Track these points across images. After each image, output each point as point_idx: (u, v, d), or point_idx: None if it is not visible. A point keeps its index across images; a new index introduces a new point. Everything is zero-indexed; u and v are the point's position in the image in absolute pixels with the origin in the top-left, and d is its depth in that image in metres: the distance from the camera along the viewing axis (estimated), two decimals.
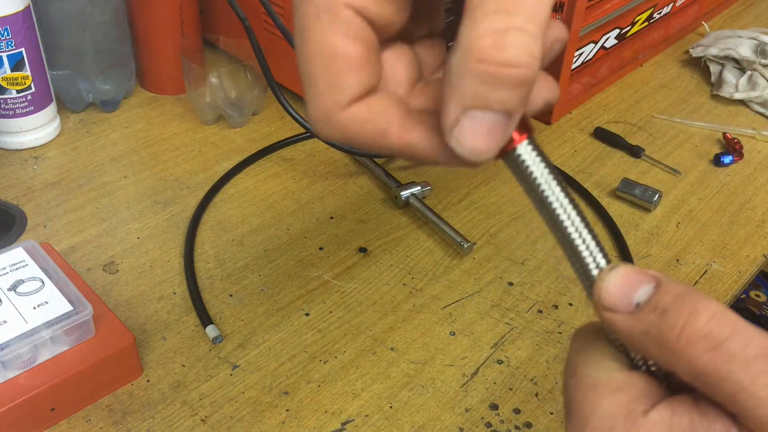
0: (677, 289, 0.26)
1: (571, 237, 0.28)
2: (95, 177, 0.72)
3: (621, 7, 0.85)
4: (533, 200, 0.29)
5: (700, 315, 0.25)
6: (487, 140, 0.26)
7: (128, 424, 0.51)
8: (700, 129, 0.85)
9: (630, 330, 0.26)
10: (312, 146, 0.78)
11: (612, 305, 0.27)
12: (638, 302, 0.26)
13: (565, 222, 0.28)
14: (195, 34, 0.82)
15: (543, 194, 0.28)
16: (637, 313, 0.26)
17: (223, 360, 0.56)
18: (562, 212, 0.28)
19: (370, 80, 0.27)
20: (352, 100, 0.27)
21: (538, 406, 0.54)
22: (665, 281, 0.26)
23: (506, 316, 0.61)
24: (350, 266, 0.64)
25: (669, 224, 0.71)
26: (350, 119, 0.27)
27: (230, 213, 0.69)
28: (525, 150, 0.28)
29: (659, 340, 0.25)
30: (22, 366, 0.49)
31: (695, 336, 0.25)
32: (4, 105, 0.71)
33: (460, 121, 0.26)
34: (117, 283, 0.61)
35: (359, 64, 0.27)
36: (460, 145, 0.26)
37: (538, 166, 0.28)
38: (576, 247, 0.28)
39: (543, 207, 0.28)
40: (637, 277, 0.27)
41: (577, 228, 0.28)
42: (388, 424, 0.52)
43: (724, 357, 0.24)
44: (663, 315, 0.25)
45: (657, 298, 0.26)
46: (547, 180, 0.28)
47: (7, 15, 0.67)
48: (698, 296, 0.25)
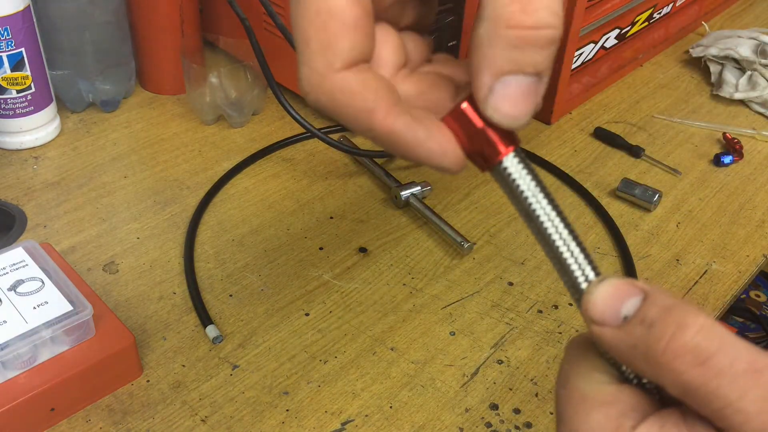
0: (665, 302, 0.25)
1: (559, 250, 0.28)
2: (95, 177, 0.72)
3: (621, 7, 0.85)
4: (520, 213, 0.29)
5: (688, 328, 0.24)
6: (524, 104, 0.27)
7: (128, 424, 0.51)
8: (700, 129, 0.85)
9: (617, 343, 0.26)
10: (312, 146, 0.78)
11: (599, 318, 0.27)
12: (626, 315, 0.26)
13: (552, 235, 0.28)
14: (195, 34, 0.82)
15: (530, 207, 0.28)
16: (624, 326, 0.26)
17: (223, 360, 0.56)
18: (549, 225, 0.28)
19: (363, 47, 0.27)
20: (344, 65, 0.26)
21: (538, 406, 0.54)
22: (653, 293, 0.26)
23: (506, 316, 0.61)
24: (350, 266, 0.64)
25: (669, 224, 0.71)
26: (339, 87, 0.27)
27: (230, 213, 0.69)
28: (511, 163, 0.28)
29: (646, 354, 0.25)
30: (22, 366, 0.49)
31: (682, 349, 0.24)
32: (4, 105, 0.71)
33: (494, 89, 0.26)
34: (117, 283, 0.61)
35: (354, 25, 0.26)
36: (498, 112, 0.27)
37: (525, 179, 0.28)
38: (564, 260, 0.28)
39: (530, 220, 0.28)
40: (625, 289, 0.27)
41: (564, 240, 0.28)
42: (388, 424, 0.52)
43: (711, 372, 0.24)
44: (650, 328, 0.25)
45: (644, 311, 0.26)
46: (534, 192, 0.28)
47: (7, 15, 0.67)
48: (686, 309, 0.25)
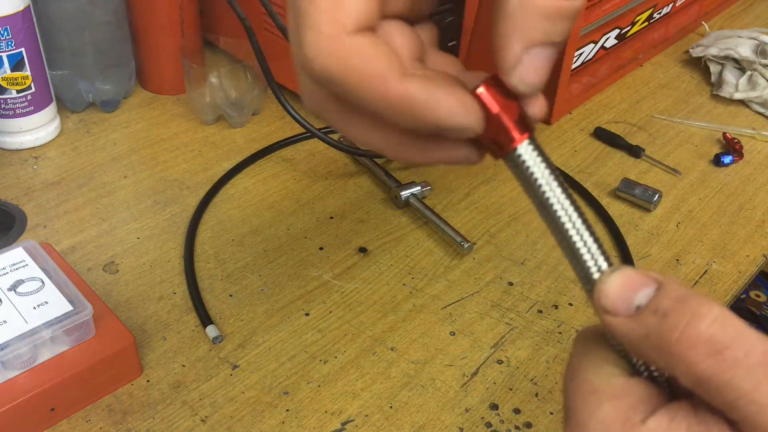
0: (679, 292, 0.25)
1: (572, 239, 0.27)
2: (95, 177, 0.72)
3: (621, 7, 0.85)
4: (534, 201, 0.28)
5: (702, 318, 0.24)
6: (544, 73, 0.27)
7: (128, 424, 0.51)
8: (700, 129, 0.85)
9: (630, 333, 0.26)
10: (312, 146, 0.78)
11: (612, 308, 0.26)
12: (638, 305, 0.26)
13: (566, 224, 0.27)
14: (195, 34, 0.82)
15: (544, 195, 0.27)
16: (637, 315, 0.26)
17: (223, 360, 0.56)
18: (563, 214, 0.27)
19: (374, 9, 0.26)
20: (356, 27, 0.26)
21: (538, 406, 0.54)
22: (667, 284, 0.26)
23: (506, 316, 0.61)
24: (350, 266, 0.64)
25: (669, 224, 0.71)
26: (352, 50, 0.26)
27: (230, 213, 0.69)
28: (526, 150, 0.28)
29: (659, 344, 0.25)
30: (22, 366, 0.49)
31: (696, 340, 0.24)
32: (4, 105, 0.71)
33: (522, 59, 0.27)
34: (117, 283, 0.61)
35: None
36: (523, 82, 0.27)
37: (539, 167, 0.28)
38: (577, 249, 0.27)
39: (543, 208, 0.28)
40: (638, 279, 0.26)
41: (578, 230, 0.27)
42: (388, 424, 0.52)
43: (726, 363, 0.24)
44: (663, 318, 0.25)
45: (657, 301, 0.25)
46: (548, 180, 0.27)
47: (7, 15, 0.67)
48: (700, 299, 0.25)
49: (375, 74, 0.26)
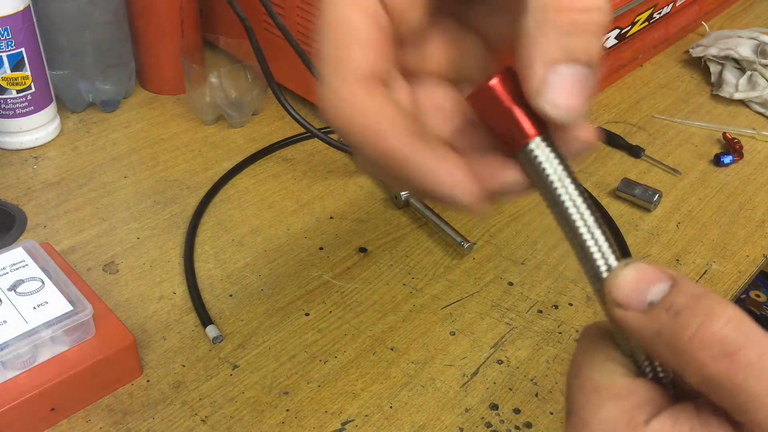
0: (694, 290, 0.25)
1: (583, 237, 0.27)
2: (95, 177, 0.72)
3: (621, 7, 0.85)
4: (545, 197, 0.28)
5: (716, 319, 0.24)
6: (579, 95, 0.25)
7: (128, 424, 0.51)
8: (700, 129, 0.85)
9: (641, 329, 0.25)
10: (312, 146, 0.78)
11: (624, 302, 0.26)
12: (651, 300, 0.25)
13: (577, 222, 0.27)
14: (195, 34, 0.82)
15: (556, 192, 0.27)
16: (649, 311, 0.25)
17: (223, 360, 0.56)
18: (574, 212, 0.27)
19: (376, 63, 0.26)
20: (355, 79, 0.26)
21: (538, 406, 0.54)
22: (681, 281, 0.26)
23: (506, 316, 0.61)
24: (350, 266, 0.64)
25: (669, 224, 0.71)
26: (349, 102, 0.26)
27: (230, 213, 0.69)
28: (538, 146, 0.27)
29: (671, 342, 0.24)
30: (22, 366, 0.49)
31: (709, 340, 0.24)
32: (4, 105, 0.71)
33: (547, 80, 0.25)
34: (117, 283, 0.61)
35: (367, 40, 0.26)
36: (554, 105, 0.25)
37: (552, 163, 0.27)
38: (587, 247, 0.27)
39: (555, 205, 0.27)
40: (653, 274, 0.26)
41: (589, 228, 0.27)
42: (388, 424, 0.52)
43: (738, 365, 0.23)
44: (677, 315, 0.24)
45: (672, 298, 0.25)
46: (561, 177, 0.27)
47: (7, 15, 0.67)
48: (715, 299, 0.24)
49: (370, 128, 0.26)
